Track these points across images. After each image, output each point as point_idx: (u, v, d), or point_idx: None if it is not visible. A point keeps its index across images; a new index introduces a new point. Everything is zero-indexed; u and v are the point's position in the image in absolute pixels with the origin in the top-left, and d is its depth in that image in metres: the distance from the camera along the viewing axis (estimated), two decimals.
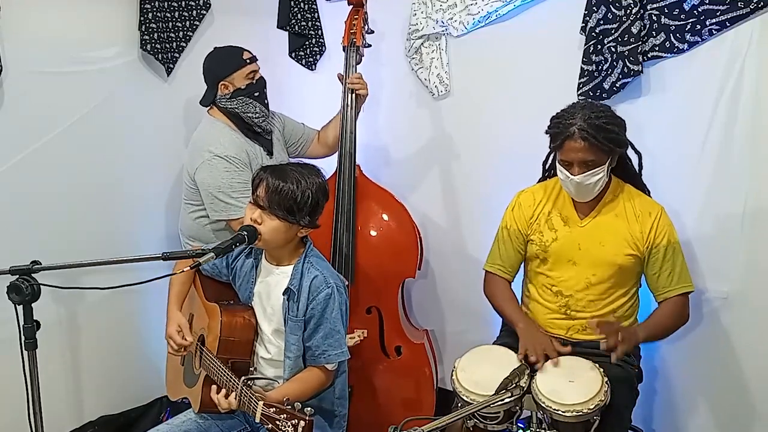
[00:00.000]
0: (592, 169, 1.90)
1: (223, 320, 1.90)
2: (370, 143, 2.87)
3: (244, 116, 2.38)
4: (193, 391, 2.01)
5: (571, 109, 1.94)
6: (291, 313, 1.90)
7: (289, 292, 1.90)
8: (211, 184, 2.28)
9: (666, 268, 1.97)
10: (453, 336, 2.88)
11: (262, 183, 1.85)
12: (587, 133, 1.85)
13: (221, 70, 2.36)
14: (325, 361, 1.91)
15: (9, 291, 1.50)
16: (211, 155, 2.28)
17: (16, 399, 1.61)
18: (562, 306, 2.06)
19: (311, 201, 1.85)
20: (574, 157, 1.90)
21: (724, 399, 2.26)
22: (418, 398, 2.56)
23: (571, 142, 1.88)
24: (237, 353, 1.92)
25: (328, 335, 1.89)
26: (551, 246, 2.05)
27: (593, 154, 1.88)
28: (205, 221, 2.39)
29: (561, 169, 1.95)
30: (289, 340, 1.91)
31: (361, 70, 2.49)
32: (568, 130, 1.87)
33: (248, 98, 2.37)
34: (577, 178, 1.91)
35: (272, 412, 1.60)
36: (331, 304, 1.89)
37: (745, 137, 2.07)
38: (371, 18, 2.55)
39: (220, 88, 2.36)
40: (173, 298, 2.11)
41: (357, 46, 2.46)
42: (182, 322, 2.06)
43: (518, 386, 1.79)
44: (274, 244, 1.89)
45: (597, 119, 1.87)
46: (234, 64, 2.36)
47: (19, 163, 2.28)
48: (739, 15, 2.01)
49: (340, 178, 2.48)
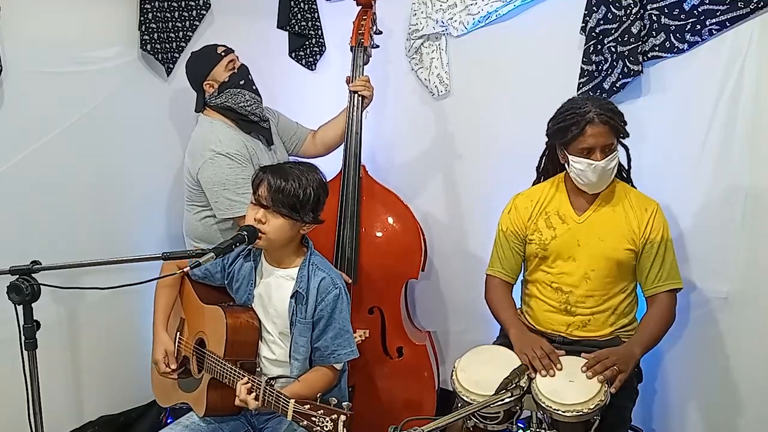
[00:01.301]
0: (609, 154, 1.93)
1: (229, 322, 1.89)
2: (371, 144, 2.87)
3: (237, 107, 2.37)
4: (195, 396, 1.99)
5: (577, 101, 1.97)
6: (299, 315, 1.90)
7: (297, 295, 1.90)
8: (216, 182, 2.28)
9: (656, 264, 1.98)
10: (455, 336, 2.88)
11: (263, 183, 1.85)
12: (606, 117, 1.90)
13: (200, 70, 2.37)
14: (334, 360, 1.92)
15: (9, 291, 1.50)
16: (213, 153, 2.28)
17: (16, 399, 1.61)
18: (562, 302, 2.07)
19: (313, 197, 1.86)
20: (595, 143, 1.91)
21: (724, 399, 2.26)
22: (419, 399, 2.56)
23: (593, 127, 1.90)
24: (243, 354, 1.91)
25: (338, 335, 1.91)
26: (551, 244, 2.06)
27: (612, 138, 1.93)
28: (211, 221, 2.39)
29: (579, 159, 1.94)
30: (297, 342, 1.91)
31: (364, 71, 2.48)
32: (586, 116, 1.90)
33: (235, 88, 2.36)
34: (602, 162, 1.92)
35: (307, 409, 1.56)
36: (340, 304, 1.91)
37: (745, 137, 2.07)
38: (380, 16, 2.54)
39: (206, 88, 2.37)
40: (160, 317, 2.10)
41: (365, 46, 2.46)
42: (169, 347, 2.05)
43: (518, 386, 1.79)
44: (277, 243, 1.89)
45: (608, 104, 1.94)
46: (210, 61, 2.36)
47: (19, 163, 2.28)
48: (739, 15, 2.01)
49: (346, 178, 2.47)
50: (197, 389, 1.98)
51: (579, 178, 1.99)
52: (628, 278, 2.05)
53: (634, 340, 1.96)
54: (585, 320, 2.05)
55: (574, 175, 1.99)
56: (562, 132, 1.96)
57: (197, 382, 1.99)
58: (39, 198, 2.35)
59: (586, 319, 2.05)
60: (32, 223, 2.33)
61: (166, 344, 2.06)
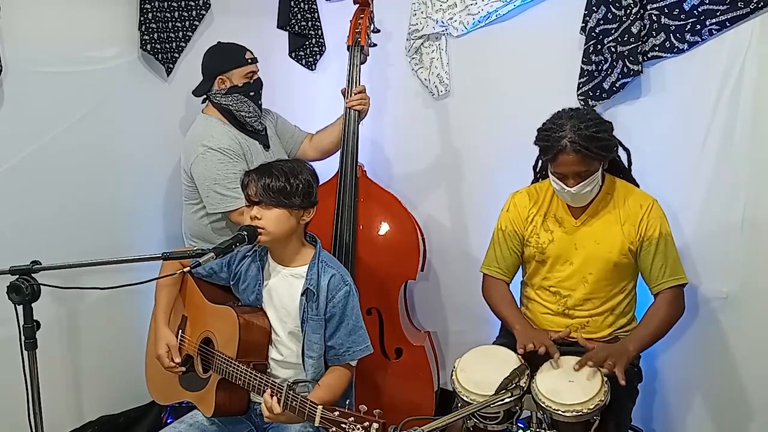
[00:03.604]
0: (586, 178, 1.90)
1: (241, 322, 1.89)
2: (370, 144, 2.87)
3: (237, 114, 2.39)
4: (201, 395, 1.97)
5: (557, 119, 1.91)
6: (311, 312, 1.90)
7: (308, 292, 1.90)
8: (207, 176, 2.29)
9: (658, 261, 1.97)
10: (455, 337, 2.88)
11: (251, 183, 1.86)
12: (579, 146, 1.83)
13: (222, 64, 2.37)
14: (350, 358, 1.92)
15: (9, 291, 1.50)
16: (204, 149, 2.30)
17: (16, 399, 1.61)
18: (561, 305, 2.07)
19: (303, 184, 1.86)
20: (568, 170, 1.89)
21: (724, 399, 2.26)
22: (418, 400, 2.55)
23: (564, 155, 1.85)
24: (255, 355, 1.90)
25: (352, 332, 1.92)
26: (548, 248, 2.05)
27: (587, 165, 1.87)
28: (206, 220, 2.40)
29: (555, 180, 1.94)
30: (311, 339, 1.90)
31: (362, 70, 2.48)
32: (559, 143, 1.85)
33: (243, 96, 2.38)
34: (573, 189, 1.91)
35: (336, 416, 1.53)
36: (351, 301, 1.92)
37: (745, 137, 2.07)
38: (379, 17, 2.54)
39: (218, 82, 2.37)
40: (161, 313, 2.09)
41: (361, 45, 2.46)
42: (171, 342, 2.05)
43: (518, 386, 1.79)
44: (279, 237, 1.88)
45: (587, 129, 1.85)
46: (235, 60, 2.37)
47: (19, 163, 2.28)
48: (739, 15, 2.01)
49: (342, 178, 2.48)
50: (204, 389, 1.97)
51: (558, 194, 2.01)
52: (626, 278, 2.05)
53: (630, 337, 1.95)
54: (584, 322, 2.05)
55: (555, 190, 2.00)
56: (541, 150, 1.95)
57: (203, 381, 1.98)
58: (39, 198, 2.35)
59: (584, 321, 2.05)
60: (32, 223, 2.33)
61: (168, 339, 2.05)
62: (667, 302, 1.97)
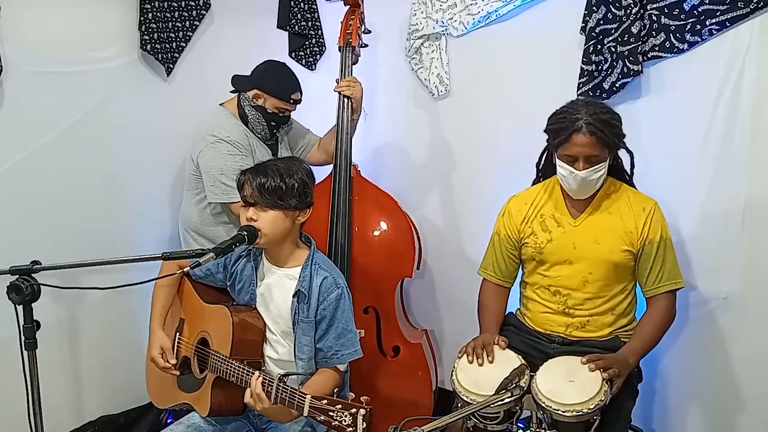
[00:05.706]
0: (595, 165, 1.91)
1: (235, 321, 1.90)
2: (369, 144, 2.87)
3: (249, 125, 2.43)
4: (197, 396, 1.98)
5: (573, 105, 1.95)
6: (301, 314, 1.90)
7: (299, 294, 1.90)
8: (214, 166, 2.31)
9: (656, 265, 1.98)
10: (452, 336, 2.88)
11: (246, 183, 1.86)
12: (595, 127, 1.87)
13: (268, 83, 2.37)
14: (337, 361, 1.91)
15: (9, 291, 1.50)
16: (215, 139, 2.32)
17: (16, 399, 1.61)
18: (561, 305, 2.07)
19: (298, 184, 1.86)
20: (580, 152, 1.90)
21: (723, 399, 2.25)
22: (416, 398, 2.56)
23: (579, 135, 1.88)
24: (249, 353, 1.91)
25: (341, 335, 1.91)
26: (546, 247, 2.06)
27: (599, 149, 1.90)
28: (209, 210, 2.42)
29: (563, 165, 1.95)
30: (301, 341, 1.91)
31: (359, 71, 2.49)
32: (575, 124, 1.88)
33: (264, 119, 2.41)
34: (582, 173, 1.91)
35: (324, 404, 1.56)
36: (342, 304, 1.91)
37: (745, 137, 2.07)
38: (370, 18, 2.55)
39: (251, 94, 2.39)
40: (156, 316, 2.09)
41: (352, 46, 2.46)
42: (165, 343, 2.05)
43: (518, 386, 1.79)
44: (275, 239, 1.89)
45: (602, 114, 1.89)
46: (281, 92, 2.38)
47: (19, 163, 2.28)
48: (739, 15, 2.01)
49: (336, 177, 2.48)
50: (199, 389, 1.97)
51: (562, 182, 2.01)
52: (627, 279, 2.05)
53: (630, 349, 1.95)
54: (584, 321, 2.05)
55: (559, 178, 2.00)
56: (553, 134, 1.96)
57: (199, 382, 1.98)
58: (39, 198, 2.35)
59: (584, 320, 2.05)
60: (32, 223, 2.33)
61: (162, 341, 2.05)
62: (660, 311, 1.98)
